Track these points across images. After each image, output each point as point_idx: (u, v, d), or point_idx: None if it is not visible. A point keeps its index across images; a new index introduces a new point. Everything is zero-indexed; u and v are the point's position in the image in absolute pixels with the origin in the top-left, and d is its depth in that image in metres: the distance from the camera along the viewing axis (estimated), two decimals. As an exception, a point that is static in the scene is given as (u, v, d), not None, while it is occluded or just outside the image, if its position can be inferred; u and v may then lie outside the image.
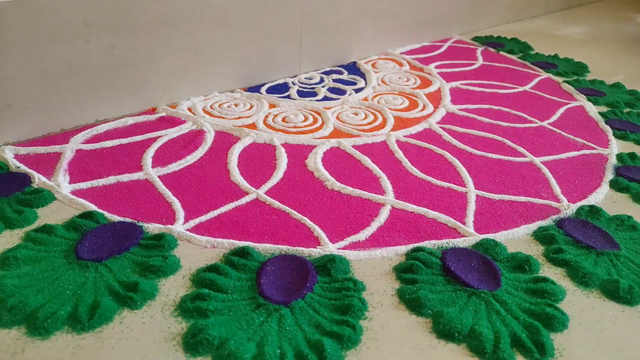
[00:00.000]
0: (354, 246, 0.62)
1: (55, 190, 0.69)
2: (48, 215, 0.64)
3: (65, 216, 0.64)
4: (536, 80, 1.18)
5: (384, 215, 0.68)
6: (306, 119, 0.93)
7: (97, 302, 0.50)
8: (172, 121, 0.90)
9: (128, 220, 0.64)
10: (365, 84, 1.10)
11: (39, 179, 0.71)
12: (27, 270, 0.54)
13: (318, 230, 0.64)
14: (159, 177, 0.74)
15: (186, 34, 0.91)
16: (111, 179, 0.72)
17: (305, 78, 1.11)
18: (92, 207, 0.66)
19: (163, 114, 0.91)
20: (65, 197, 0.68)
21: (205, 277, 0.54)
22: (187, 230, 0.63)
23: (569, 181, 0.79)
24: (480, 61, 1.28)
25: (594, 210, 0.70)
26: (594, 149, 0.89)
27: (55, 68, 0.79)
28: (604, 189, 0.77)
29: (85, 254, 0.57)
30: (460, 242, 0.63)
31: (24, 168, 0.73)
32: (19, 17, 0.72)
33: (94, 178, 0.72)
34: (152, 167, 0.76)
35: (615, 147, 0.90)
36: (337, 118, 0.94)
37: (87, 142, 0.82)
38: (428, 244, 0.62)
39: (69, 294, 0.51)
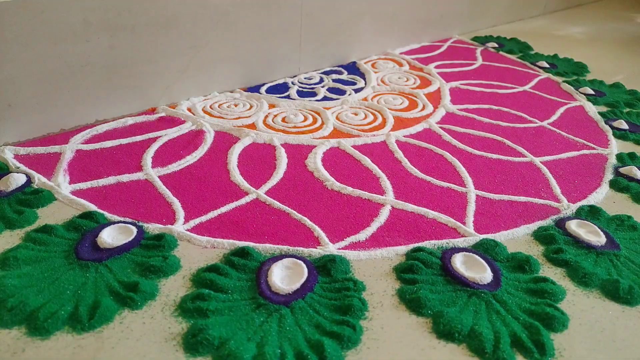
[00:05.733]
0: (354, 246, 0.62)
1: (55, 191, 0.69)
2: (48, 216, 0.64)
3: (66, 216, 0.64)
4: (536, 80, 1.18)
5: (384, 215, 0.68)
6: (306, 119, 0.93)
7: (97, 302, 0.50)
8: (171, 121, 0.90)
9: (128, 220, 0.64)
10: (365, 84, 1.10)
11: (38, 179, 0.71)
12: (27, 270, 0.54)
13: (318, 231, 0.64)
14: (159, 177, 0.74)
15: (186, 34, 0.91)
16: (111, 179, 0.72)
17: (305, 78, 1.11)
18: (92, 207, 0.66)
19: (163, 114, 0.91)
20: (65, 197, 0.68)
21: (205, 277, 0.54)
22: (187, 230, 0.63)
23: (568, 181, 0.79)
24: (479, 61, 1.28)
25: (594, 210, 0.70)
26: (593, 149, 0.89)
27: (55, 68, 0.78)
28: (604, 189, 0.77)
29: (86, 254, 0.57)
30: (460, 242, 0.63)
31: (23, 168, 0.73)
32: (19, 17, 0.72)
33: (94, 178, 0.72)
34: (152, 167, 0.76)
35: (615, 147, 0.90)
36: (337, 118, 0.94)
37: (87, 142, 0.81)
38: (428, 244, 0.62)
39: (69, 294, 0.51)
